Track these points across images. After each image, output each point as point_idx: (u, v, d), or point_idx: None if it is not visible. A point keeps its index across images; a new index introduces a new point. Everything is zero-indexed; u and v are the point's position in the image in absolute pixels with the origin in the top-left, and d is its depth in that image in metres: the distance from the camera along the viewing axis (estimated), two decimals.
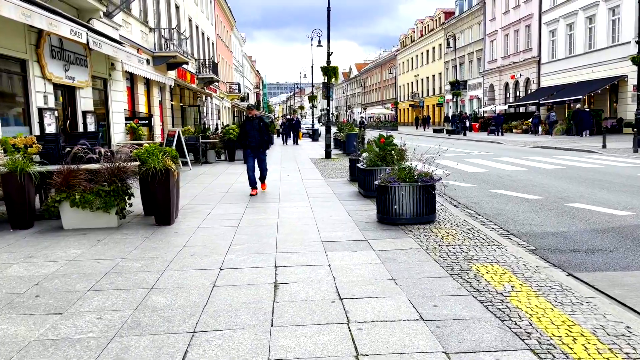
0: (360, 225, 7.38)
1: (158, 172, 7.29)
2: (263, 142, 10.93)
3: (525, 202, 9.54)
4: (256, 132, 10.80)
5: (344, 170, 15.41)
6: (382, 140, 9.96)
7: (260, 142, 10.89)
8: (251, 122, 10.90)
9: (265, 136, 10.96)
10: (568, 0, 36.60)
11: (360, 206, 9.03)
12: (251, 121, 10.92)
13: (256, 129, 10.81)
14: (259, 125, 10.85)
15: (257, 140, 10.83)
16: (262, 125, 10.89)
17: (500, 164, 16.44)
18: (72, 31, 11.99)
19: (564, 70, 37.07)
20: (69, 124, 14.37)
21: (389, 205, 7.23)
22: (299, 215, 8.30)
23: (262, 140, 10.89)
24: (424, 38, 70.37)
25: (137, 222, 7.86)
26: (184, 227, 7.45)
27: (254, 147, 10.88)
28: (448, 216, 7.92)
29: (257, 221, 7.85)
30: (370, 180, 9.76)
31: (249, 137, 10.85)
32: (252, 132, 10.81)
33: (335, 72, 20.39)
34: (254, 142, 10.86)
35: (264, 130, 10.92)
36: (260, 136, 10.85)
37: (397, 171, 7.57)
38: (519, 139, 30.30)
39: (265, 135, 10.97)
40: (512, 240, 6.73)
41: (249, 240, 6.59)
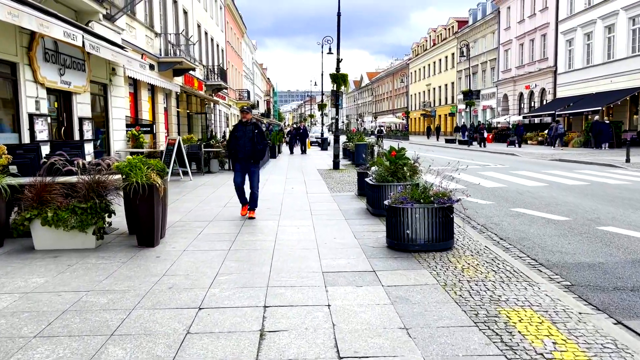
0: (368, 250, 6.51)
1: (140, 188, 6.47)
2: (255, 152, 9.02)
3: (551, 224, 8.62)
4: (248, 140, 8.94)
5: (352, 183, 14.54)
6: (393, 154, 9.10)
7: (252, 153, 9.00)
8: (244, 127, 9.09)
9: (258, 146, 9.00)
10: (586, 10, 35.62)
11: (368, 226, 8.15)
12: (244, 126, 9.10)
13: (248, 137, 8.94)
14: (252, 132, 8.97)
15: (248, 150, 8.97)
16: (256, 133, 8.99)
17: (518, 178, 15.49)
18: (66, 33, 11.31)
19: (582, 80, 36.01)
20: (63, 131, 13.66)
21: (401, 230, 6.36)
22: (299, 236, 7.44)
23: (254, 150, 8.98)
24: (436, 47, 69.51)
25: (118, 243, 7.05)
26: (169, 250, 6.62)
27: (242, 159, 9.05)
28: (467, 241, 7.03)
29: (251, 243, 7.00)
30: (380, 197, 8.90)
31: (238, 146, 9.03)
32: (244, 140, 8.98)
33: (344, 79, 19.57)
34: (242, 152, 8.99)
35: (257, 139, 8.98)
36: (253, 146, 8.94)
37: (409, 189, 6.70)
38: (535, 151, 29.27)
39: (258, 144, 9.00)
40: (543, 273, 5.83)
41: (239, 268, 5.74)
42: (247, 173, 9.21)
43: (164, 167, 7.08)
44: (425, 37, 76.58)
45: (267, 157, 25.51)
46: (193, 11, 30.60)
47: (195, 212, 9.69)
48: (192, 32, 29.83)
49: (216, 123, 39.35)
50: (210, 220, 8.76)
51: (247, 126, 9.09)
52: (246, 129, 9.06)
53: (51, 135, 12.83)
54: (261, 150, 9.14)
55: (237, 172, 9.27)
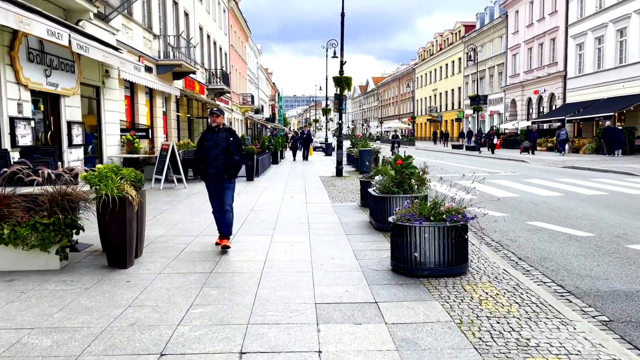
0: (370, 275, 5.67)
1: (110, 201, 5.67)
2: (231, 166, 7.11)
3: (574, 241, 7.76)
4: (221, 151, 7.07)
5: (354, 191, 13.71)
6: (399, 162, 8.27)
7: (226, 167, 7.08)
8: (215, 135, 7.14)
9: (234, 157, 7.13)
10: (597, 13, 34.74)
11: (371, 243, 7.31)
12: (215, 134, 7.15)
13: (221, 146, 7.08)
14: (226, 140, 7.10)
15: (221, 163, 7.05)
16: (232, 141, 7.13)
17: (531, 187, 14.61)
18: (50, 31, 10.56)
19: (592, 85, 35.08)
20: (50, 136, 12.91)
21: (407, 251, 5.52)
22: (293, 255, 6.61)
23: (229, 163, 7.08)
24: (443, 52, 68.66)
25: (88, 263, 6.24)
26: (142, 273, 5.81)
27: (214, 175, 7.11)
28: (482, 263, 6.18)
29: (238, 265, 6.18)
30: (384, 209, 8.07)
31: (208, 159, 7.11)
32: (215, 151, 7.06)
33: (348, 82, 18.75)
34: (214, 166, 7.06)
35: (233, 149, 7.13)
36: (227, 157, 7.07)
37: (418, 204, 5.87)
38: (546, 158, 28.34)
39: (234, 155, 7.12)
40: (573, 304, 4.98)
41: (218, 298, 4.92)
42: (219, 191, 7.26)
43: (141, 177, 6.28)
44: (432, 42, 75.76)
45: (269, 163, 24.73)
46: (195, 13, 29.92)
47: (182, 225, 8.86)
48: (193, 34, 29.14)
49: None
50: (197, 235, 7.94)
51: (220, 133, 7.15)
52: (218, 137, 7.12)
53: (35, 141, 12.10)
54: (238, 163, 7.23)
55: (211, 195, 7.34)
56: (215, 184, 7.23)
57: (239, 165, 7.27)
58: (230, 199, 7.29)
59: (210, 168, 7.12)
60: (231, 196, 7.31)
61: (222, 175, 7.12)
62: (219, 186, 7.22)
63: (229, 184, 7.27)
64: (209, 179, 7.19)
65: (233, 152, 7.14)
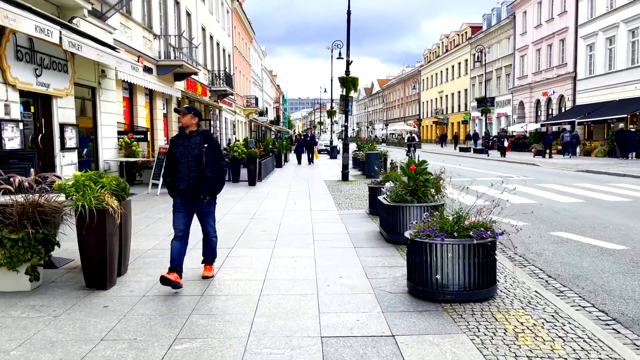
0: (383, 299, 4.95)
1: (87, 214, 4.98)
2: (207, 180, 5.46)
3: (607, 256, 7.01)
4: (193, 160, 5.43)
5: (362, 197, 12.98)
6: (413, 168, 7.54)
7: (200, 181, 5.45)
8: (186, 140, 5.53)
9: (209, 171, 5.46)
10: (608, 13, 33.92)
11: (383, 259, 6.59)
12: (186, 139, 5.54)
13: (194, 155, 5.43)
14: (200, 146, 5.44)
15: (194, 176, 5.44)
16: (206, 148, 5.46)
17: (548, 192, 13.84)
18: (39, 28, 9.94)
19: (603, 87, 34.25)
20: (41, 139, 12.26)
21: (427, 272, 4.79)
22: (295, 273, 5.89)
23: (202, 176, 5.43)
24: (449, 53, 67.86)
25: (64, 282, 5.54)
26: (124, 295, 5.10)
27: (185, 192, 5.49)
28: (509, 283, 5.45)
29: (232, 286, 5.46)
30: (396, 220, 7.35)
31: (178, 172, 5.51)
32: (186, 162, 5.45)
33: (354, 83, 18.04)
34: (184, 180, 5.47)
35: (208, 159, 5.46)
36: (201, 169, 5.42)
37: (438, 217, 5.14)
38: (557, 161, 27.54)
39: (210, 168, 5.48)
40: (623, 336, 4.24)
41: (207, 329, 4.20)
42: (196, 214, 5.69)
43: (125, 186, 5.58)
44: (438, 44, 74.98)
45: (273, 166, 24.03)
46: (197, 13, 29.30)
47: None
48: (195, 35, 28.52)
49: (221, 130, 37.98)
50: (190, 249, 7.20)
51: (192, 138, 5.51)
52: (189, 143, 5.48)
53: (25, 144, 11.46)
54: (217, 177, 5.58)
55: (178, 212, 5.59)
56: (187, 203, 5.57)
57: (214, 180, 5.52)
58: (212, 226, 5.79)
59: (181, 183, 5.49)
60: (213, 222, 5.80)
61: (195, 192, 5.48)
62: (194, 207, 5.61)
63: (208, 207, 5.63)
64: (180, 195, 5.55)
65: (207, 163, 5.42)
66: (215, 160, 5.59)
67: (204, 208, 5.65)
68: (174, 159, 5.55)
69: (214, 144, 5.62)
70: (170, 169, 5.61)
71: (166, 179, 5.73)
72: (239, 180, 17.41)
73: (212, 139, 5.64)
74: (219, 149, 5.70)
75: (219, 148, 5.69)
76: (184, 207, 5.58)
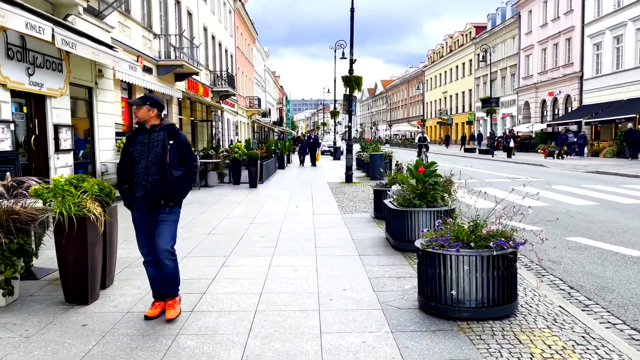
0: (392, 315, 4.47)
1: (66, 222, 4.52)
2: (171, 184, 4.43)
3: (631, 264, 6.52)
4: (153, 161, 4.43)
5: (366, 200, 12.50)
6: (421, 170, 7.07)
7: (161, 187, 4.43)
8: (146, 136, 4.53)
9: (174, 171, 4.46)
10: (615, 11, 33.36)
11: (390, 268, 6.10)
12: (147, 134, 4.54)
13: (155, 153, 4.45)
14: (163, 144, 4.47)
15: (155, 180, 4.43)
16: (170, 146, 4.48)
17: (560, 194, 13.33)
18: (30, 25, 9.55)
19: (611, 86, 33.68)
20: (34, 140, 11.83)
21: (440, 286, 4.32)
22: (295, 285, 5.41)
23: (165, 180, 4.42)
24: (453, 53, 67.33)
25: (43, 296, 5.08)
26: (106, 311, 4.64)
27: (142, 200, 4.46)
28: (530, 297, 4.97)
29: (226, 300, 4.98)
30: (404, 225, 6.87)
31: (134, 175, 4.48)
32: (144, 163, 4.44)
33: (358, 82, 17.55)
34: (141, 186, 4.44)
35: (173, 158, 4.48)
36: (162, 171, 4.42)
37: (453, 225, 4.66)
38: (565, 162, 27.00)
39: (175, 169, 4.48)
40: None
41: (194, 352, 3.72)
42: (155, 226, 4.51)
43: (110, 191, 5.12)
44: (442, 44, 74.46)
45: (275, 168, 23.58)
46: (198, 13, 28.89)
47: None
48: (197, 35, 28.10)
49: (224, 131, 37.56)
50: (183, 257, 6.74)
51: (153, 134, 4.50)
52: (150, 140, 4.48)
53: (15, 145, 11.04)
54: (182, 180, 4.51)
55: (140, 231, 4.59)
56: (146, 213, 4.48)
57: (182, 183, 4.51)
58: (170, 240, 4.47)
59: (138, 188, 4.42)
60: (171, 234, 4.49)
61: (155, 200, 4.42)
62: (152, 218, 4.48)
63: (168, 215, 4.47)
64: (136, 206, 4.48)
65: (172, 164, 4.43)
66: (182, 159, 4.55)
67: (162, 215, 4.46)
68: (130, 160, 4.47)
69: (181, 141, 4.59)
70: (126, 172, 4.50)
71: (122, 186, 4.52)
72: (239, 183, 16.96)
73: (178, 134, 4.60)
74: (187, 146, 4.65)
75: (187, 145, 4.64)
76: (144, 223, 4.51)
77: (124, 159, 4.58)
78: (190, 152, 4.67)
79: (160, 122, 4.61)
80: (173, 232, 4.54)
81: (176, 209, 4.58)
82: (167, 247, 4.43)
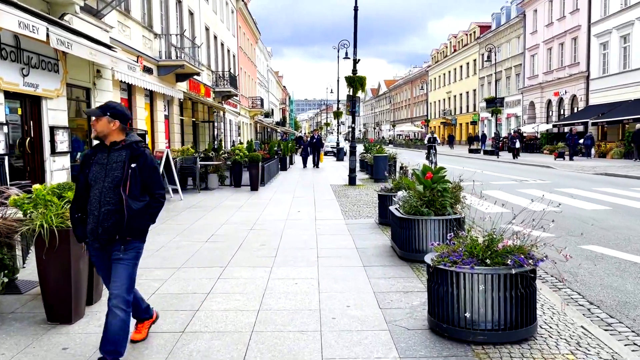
0: (400, 338, 4.11)
1: (47, 235, 4.18)
2: (130, 216, 3.56)
3: None
4: (109, 185, 3.58)
5: (370, 204, 12.14)
6: (429, 175, 6.70)
7: (116, 220, 3.57)
8: (105, 155, 3.67)
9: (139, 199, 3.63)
10: (622, 10, 32.92)
11: (396, 281, 5.74)
12: (106, 153, 3.67)
13: (113, 177, 3.58)
14: (124, 166, 3.60)
15: (109, 211, 3.56)
16: (131, 170, 3.60)
17: (569, 198, 12.94)
18: (23, 24, 9.22)
19: (618, 86, 33.24)
20: (29, 143, 11.52)
21: (453, 307, 3.96)
22: (295, 302, 5.05)
23: (121, 210, 3.55)
24: (457, 53, 66.87)
25: (25, 314, 4.74)
26: (90, 332, 4.28)
27: (93, 234, 3.61)
28: (549, 316, 4.60)
29: (220, 319, 4.62)
30: (411, 235, 6.51)
31: (88, 203, 3.65)
32: (99, 189, 3.59)
33: (362, 82, 17.18)
34: (93, 217, 3.60)
35: (134, 184, 3.61)
36: (118, 200, 3.56)
37: (466, 239, 4.30)
38: (573, 163, 26.57)
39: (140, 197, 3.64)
40: None
41: None
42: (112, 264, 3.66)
43: None
44: (446, 43, 74.01)
45: (277, 169, 23.21)
46: (200, 13, 28.57)
47: (164, 252, 7.32)
48: (199, 35, 27.79)
49: (226, 132, 37.26)
50: (178, 268, 6.40)
51: (114, 152, 3.65)
52: (109, 160, 3.63)
53: (10, 148, 10.74)
54: (146, 211, 3.66)
55: (99, 268, 3.86)
56: (99, 250, 3.69)
57: (144, 216, 3.63)
58: (126, 283, 3.58)
59: (90, 219, 3.61)
60: (128, 278, 3.60)
61: (108, 234, 3.57)
62: (107, 254, 3.67)
63: (124, 254, 3.60)
64: (88, 240, 3.71)
65: (132, 193, 3.57)
66: (146, 186, 3.64)
67: (116, 252, 3.60)
68: (86, 183, 3.64)
69: (146, 163, 3.64)
70: (80, 198, 3.68)
71: (74, 214, 3.73)
72: (240, 185, 16.61)
73: (143, 155, 3.64)
74: (154, 170, 3.70)
75: (153, 169, 3.69)
76: (101, 260, 3.74)
77: (79, 180, 3.72)
78: (158, 178, 3.73)
79: (123, 138, 3.67)
80: (130, 275, 3.62)
81: (135, 245, 3.66)
82: (119, 293, 3.54)
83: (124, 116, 3.70)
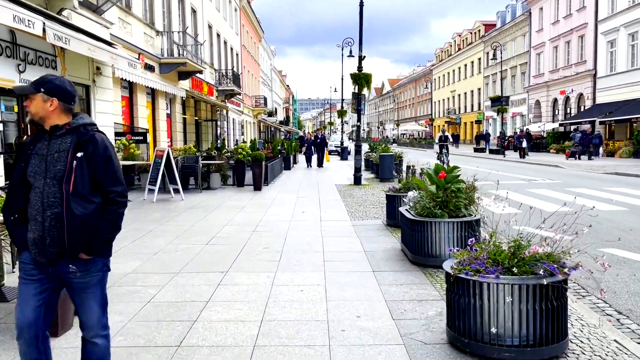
0: (417, 354, 3.73)
1: None
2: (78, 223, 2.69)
3: None
4: (51, 184, 2.71)
5: (377, 204, 11.77)
6: (443, 175, 6.33)
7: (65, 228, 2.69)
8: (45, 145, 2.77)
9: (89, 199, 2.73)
10: (630, 8, 32.45)
11: (409, 288, 5.36)
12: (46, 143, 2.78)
13: (55, 173, 2.71)
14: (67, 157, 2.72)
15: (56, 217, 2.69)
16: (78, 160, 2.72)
17: (582, 198, 12.47)
18: (18, 18, 8.91)
19: (626, 84, 32.76)
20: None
21: (476, 320, 3.58)
22: (302, 310, 4.69)
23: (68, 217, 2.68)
24: (461, 52, 66.37)
25: (10, 324, 4.39)
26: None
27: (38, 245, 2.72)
28: (578, 328, 4.23)
29: (220, 330, 4.26)
30: (423, 238, 6.14)
31: (29, 204, 2.77)
32: (41, 186, 2.72)
33: (367, 79, 16.81)
34: (36, 223, 2.72)
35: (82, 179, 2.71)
36: (67, 203, 2.68)
37: (488, 245, 3.92)
38: (580, 163, 26.14)
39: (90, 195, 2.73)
40: None
41: None
42: (66, 288, 2.91)
43: None
44: (450, 42, 73.52)
45: (281, 169, 22.85)
46: (203, 10, 28.23)
47: (162, 256, 6.95)
48: (201, 32, 27.44)
49: (229, 131, 36.92)
50: (177, 273, 6.04)
51: (56, 139, 2.77)
52: (50, 149, 2.76)
53: (4, 146, 10.44)
54: (103, 215, 2.78)
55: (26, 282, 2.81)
56: (43, 266, 2.80)
57: (100, 222, 2.78)
58: (99, 309, 2.92)
59: (31, 226, 2.78)
60: (100, 303, 2.92)
61: (58, 247, 2.74)
62: (54, 277, 2.83)
63: (86, 276, 2.83)
64: (29, 250, 2.82)
65: (76, 191, 2.71)
66: (97, 182, 2.77)
67: (76, 277, 2.80)
68: (23, 178, 2.82)
69: (97, 151, 2.77)
70: (15, 196, 2.84)
71: (8, 217, 2.86)
72: (243, 185, 16.25)
73: (92, 140, 2.79)
74: (108, 160, 2.80)
75: (106, 159, 2.80)
76: (37, 280, 2.81)
77: (12, 176, 2.91)
78: (113, 171, 2.81)
79: (67, 121, 2.82)
80: (101, 299, 2.92)
81: (97, 262, 2.84)
82: (94, 324, 2.92)
83: (64, 92, 2.80)
